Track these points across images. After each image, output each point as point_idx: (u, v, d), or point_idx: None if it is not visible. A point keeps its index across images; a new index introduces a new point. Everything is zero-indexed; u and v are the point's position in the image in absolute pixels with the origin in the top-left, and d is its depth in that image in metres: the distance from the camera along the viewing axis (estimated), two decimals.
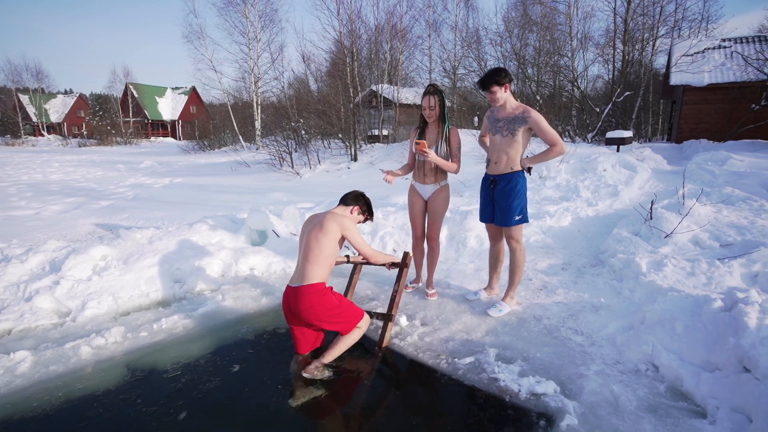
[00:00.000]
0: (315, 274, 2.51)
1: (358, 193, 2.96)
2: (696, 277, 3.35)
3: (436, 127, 3.28)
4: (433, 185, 3.37)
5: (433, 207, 3.42)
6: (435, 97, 3.17)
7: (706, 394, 2.12)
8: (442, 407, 2.26)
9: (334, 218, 2.63)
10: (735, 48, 15.58)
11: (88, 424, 2.12)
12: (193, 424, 2.11)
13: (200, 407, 2.23)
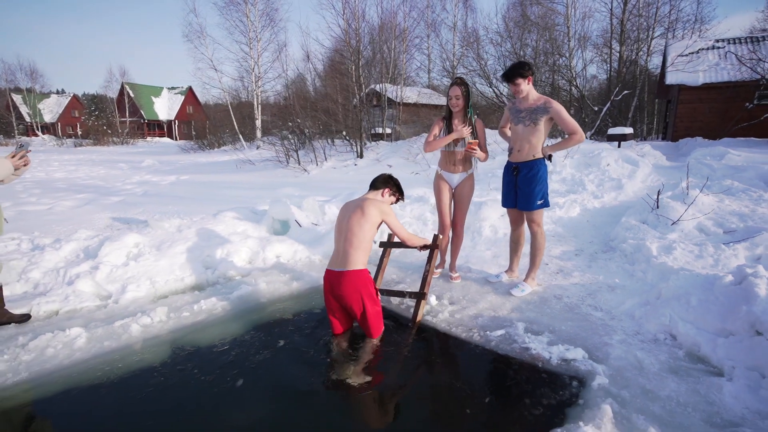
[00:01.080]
0: (358, 259, 2.65)
1: (387, 176, 3.10)
2: (704, 259, 3.56)
3: (462, 117, 3.45)
4: (462, 174, 3.55)
5: (461, 194, 3.60)
6: (461, 88, 3.35)
7: (723, 356, 2.31)
8: (480, 373, 2.44)
9: (373, 204, 2.78)
10: (729, 48, 15.95)
11: (154, 389, 2.27)
12: (250, 390, 2.27)
13: (254, 376, 2.38)
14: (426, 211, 5.44)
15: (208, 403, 2.15)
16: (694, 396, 2.06)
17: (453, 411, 2.09)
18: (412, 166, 9.95)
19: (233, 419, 2.04)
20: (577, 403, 2.06)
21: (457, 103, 3.36)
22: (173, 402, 2.18)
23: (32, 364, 2.46)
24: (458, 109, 3.40)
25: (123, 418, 2.06)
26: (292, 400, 2.19)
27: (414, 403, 2.21)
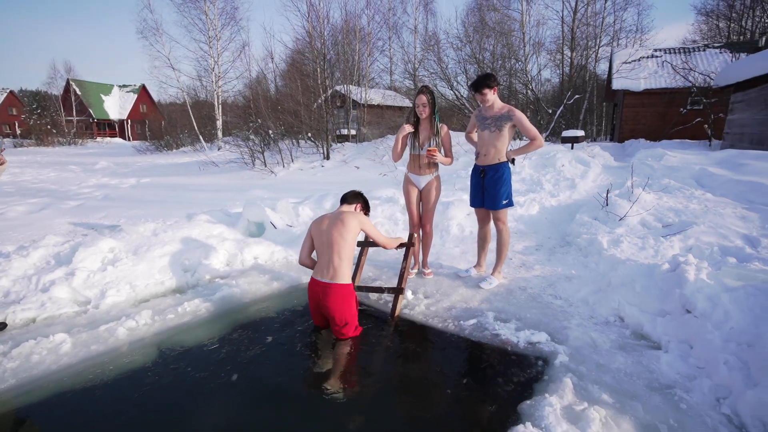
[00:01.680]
0: (345, 272, 2.81)
1: (357, 192, 3.31)
2: (646, 251, 4.02)
3: (428, 123, 3.67)
4: (428, 176, 3.79)
5: (427, 195, 3.83)
6: (428, 96, 3.55)
7: (661, 333, 2.69)
8: (456, 358, 2.69)
9: (352, 215, 2.96)
10: (665, 58, 17.35)
11: (150, 388, 2.35)
12: (247, 384, 2.40)
13: (248, 371, 2.51)
14: (396, 211, 5.68)
15: (205, 399, 2.27)
16: (637, 367, 2.41)
17: (434, 393, 2.32)
18: (378, 167, 10.18)
19: (231, 413, 2.17)
20: (543, 378, 2.35)
21: (424, 110, 3.56)
22: (171, 399, 2.28)
23: (18, 371, 2.46)
24: (425, 116, 3.60)
25: (122, 417, 2.13)
26: (284, 392, 2.34)
27: (397, 388, 2.42)
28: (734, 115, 12.36)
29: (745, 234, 4.33)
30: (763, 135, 10.46)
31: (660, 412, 2.03)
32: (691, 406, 2.07)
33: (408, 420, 2.15)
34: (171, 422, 2.10)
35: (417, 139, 3.67)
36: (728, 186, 6.29)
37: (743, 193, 5.98)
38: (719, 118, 13.79)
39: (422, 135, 3.67)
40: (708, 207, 5.18)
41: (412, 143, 3.71)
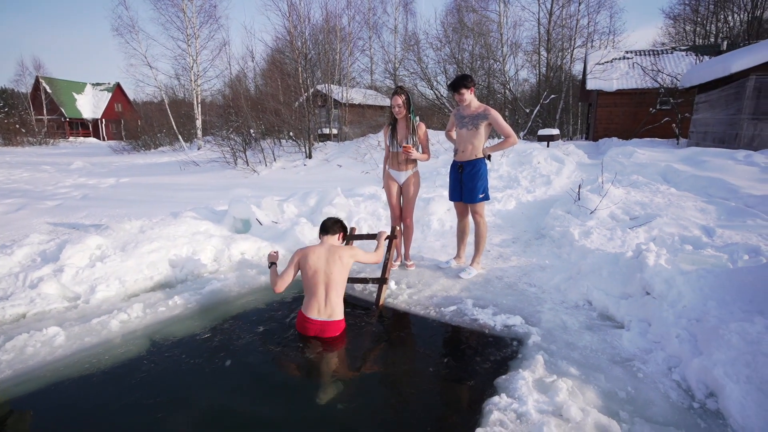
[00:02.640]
0: (340, 308, 2.85)
1: (335, 219, 3.25)
2: (614, 241, 4.29)
3: (405, 122, 3.83)
4: (407, 171, 3.96)
5: (407, 190, 4.00)
6: (402, 97, 3.72)
7: (624, 313, 2.94)
8: (438, 341, 2.87)
9: (345, 251, 2.98)
10: (636, 60, 18.04)
11: (147, 374, 2.45)
12: (241, 368, 2.52)
13: (242, 356, 2.64)
14: (379, 207, 5.85)
15: (202, 383, 2.39)
16: (602, 344, 2.64)
17: (418, 372, 2.50)
18: (360, 165, 10.33)
19: (226, 397, 2.30)
20: (517, 357, 2.56)
21: (400, 111, 3.74)
22: (169, 384, 2.39)
23: (14, 363, 2.52)
24: (401, 116, 3.78)
25: (122, 401, 2.23)
26: (276, 377, 2.48)
27: (383, 370, 2.59)
28: (698, 114, 12.99)
29: (703, 225, 4.67)
30: (725, 134, 11.06)
31: (619, 381, 2.26)
32: (647, 375, 2.31)
33: (394, 396, 2.32)
34: (169, 405, 2.21)
35: (395, 138, 3.85)
36: (690, 181, 6.70)
37: (703, 188, 6.39)
38: (686, 118, 14.46)
39: (400, 134, 3.85)
40: (671, 200, 5.53)
41: (391, 141, 3.89)
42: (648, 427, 1.92)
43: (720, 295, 2.75)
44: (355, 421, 2.10)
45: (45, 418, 2.15)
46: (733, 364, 2.14)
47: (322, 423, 2.07)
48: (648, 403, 2.10)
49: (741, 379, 2.08)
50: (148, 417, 2.11)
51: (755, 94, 10.02)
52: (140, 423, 2.07)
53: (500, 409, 2.02)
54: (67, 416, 2.15)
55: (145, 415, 2.12)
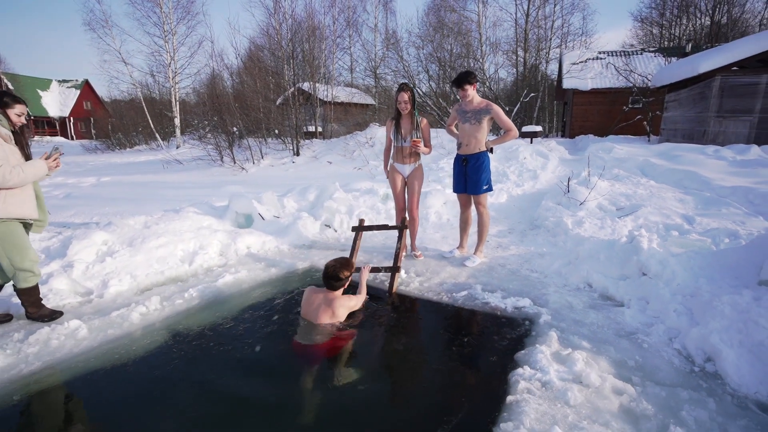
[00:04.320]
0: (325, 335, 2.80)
1: (338, 276, 2.98)
2: (605, 230, 4.57)
3: (410, 118, 3.98)
4: (412, 165, 4.11)
5: (412, 182, 4.15)
6: (408, 93, 3.85)
7: (623, 293, 3.17)
8: (455, 323, 3.03)
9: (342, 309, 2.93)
10: (609, 60, 18.76)
11: (180, 361, 2.51)
12: (270, 352, 2.61)
13: (269, 341, 2.72)
14: (377, 201, 5.97)
15: (234, 367, 2.46)
16: (607, 320, 2.86)
17: (441, 351, 2.65)
18: (350, 162, 10.41)
19: (259, 380, 2.39)
20: (531, 334, 2.74)
21: (406, 107, 3.87)
22: (202, 369, 2.45)
23: (41, 355, 2.53)
24: (406, 111, 3.91)
25: (158, 387, 2.29)
26: (301, 362, 2.58)
27: (409, 352, 2.72)
28: (669, 113, 13.67)
29: (683, 213, 5.01)
30: (693, 130, 11.70)
31: (627, 352, 2.47)
32: (651, 345, 2.53)
33: (423, 373, 2.45)
34: (203, 389, 2.28)
35: (400, 133, 3.98)
36: (667, 174, 7.12)
37: (679, 180, 6.80)
38: (656, 116, 15.17)
39: (404, 129, 3.98)
40: (652, 192, 5.88)
41: (396, 136, 4.01)
42: (658, 389, 2.13)
43: (709, 274, 3.02)
44: (387, 397, 2.24)
45: (83, 407, 2.19)
46: (727, 332, 2.38)
47: (351, 401, 2.19)
48: (655, 369, 2.32)
49: (735, 344, 2.32)
50: (182, 404, 2.17)
51: (720, 93, 10.66)
52: (174, 409, 2.13)
53: (526, 379, 2.19)
54: (104, 404, 2.19)
55: (179, 402, 2.19)
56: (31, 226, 2.98)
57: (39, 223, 3.03)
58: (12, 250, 2.79)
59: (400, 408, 2.17)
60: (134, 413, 2.10)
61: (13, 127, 2.82)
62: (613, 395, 2.08)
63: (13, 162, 2.69)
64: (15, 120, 2.81)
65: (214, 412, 2.08)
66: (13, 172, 2.65)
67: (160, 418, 2.05)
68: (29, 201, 2.86)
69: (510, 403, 2.02)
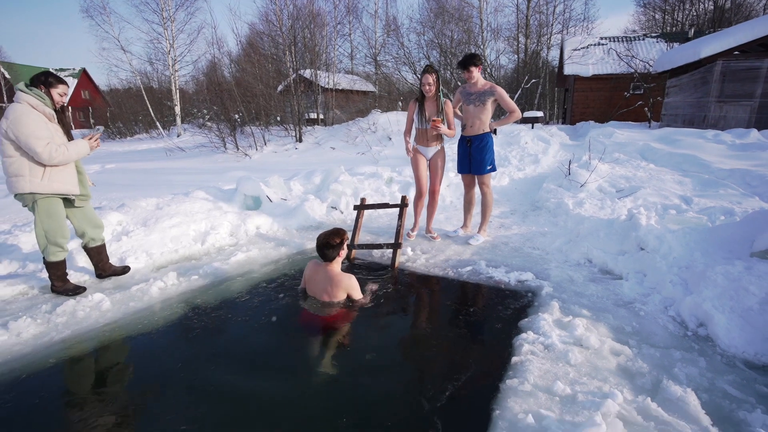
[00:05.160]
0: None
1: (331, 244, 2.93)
2: (605, 210, 4.68)
3: (434, 100, 3.94)
4: (435, 147, 4.09)
5: (435, 165, 4.13)
6: (433, 76, 3.83)
7: (621, 267, 3.31)
8: (461, 296, 3.16)
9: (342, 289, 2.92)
10: (610, 45, 18.68)
11: (202, 330, 2.65)
12: (285, 322, 2.75)
13: (284, 312, 2.86)
14: (381, 184, 6.07)
15: (253, 335, 2.60)
16: (606, 292, 3.00)
17: (449, 321, 2.79)
18: (353, 147, 10.49)
19: (277, 345, 2.53)
20: (534, 304, 2.88)
21: (430, 89, 3.84)
22: (223, 337, 2.59)
23: (69, 324, 2.67)
24: (431, 93, 3.88)
25: (183, 353, 2.43)
26: (316, 333, 2.72)
27: (418, 321, 2.87)
28: (670, 98, 13.70)
29: (681, 195, 5.13)
30: (693, 116, 11.75)
31: (625, 319, 2.61)
32: (648, 313, 2.67)
33: (432, 339, 2.59)
34: (226, 357, 2.42)
35: (423, 115, 3.95)
36: (667, 158, 7.21)
37: (678, 164, 6.90)
38: (657, 102, 15.18)
39: (428, 111, 3.93)
40: (652, 174, 5.99)
41: (419, 119, 3.98)
42: (653, 350, 2.27)
43: (704, 248, 3.15)
44: (399, 359, 2.38)
45: (114, 370, 2.33)
46: (720, 299, 2.52)
47: (365, 362, 2.33)
48: (651, 333, 2.46)
49: (726, 310, 2.46)
50: (206, 368, 2.31)
51: (721, 78, 10.69)
52: (198, 374, 2.27)
53: (529, 343, 2.33)
54: (134, 369, 2.34)
55: (203, 367, 2.33)
56: (74, 201, 3.11)
57: (82, 198, 3.17)
58: (50, 225, 2.95)
59: (412, 369, 2.31)
60: (161, 378, 2.23)
61: (55, 106, 2.93)
62: (611, 356, 2.22)
63: (57, 141, 2.84)
64: (57, 99, 2.93)
65: (237, 377, 2.22)
66: (58, 150, 2.80)
67: (185, 381, 2.18)
68: (71, 178, 3.01)
69: (515, 363, 2.17)
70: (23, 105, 2.77)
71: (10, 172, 2.81)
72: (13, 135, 2.72)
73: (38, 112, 2.80)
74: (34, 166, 2.81)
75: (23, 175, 2.80)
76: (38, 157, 2.76)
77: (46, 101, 2.84)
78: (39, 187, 2.84)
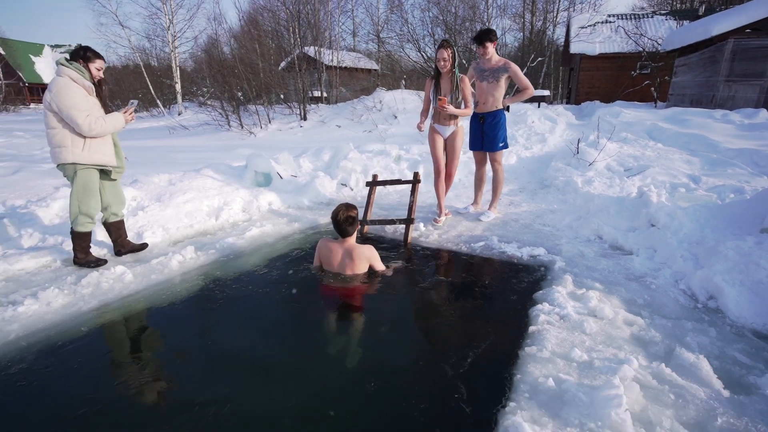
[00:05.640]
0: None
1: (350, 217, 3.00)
2: (613, 188, 4.72)
3: (449, 77, 3.80)
4: (452, 126, 3.96)
5: (452, 144, 4.01)
6: (448, 51, 3.69)
7: (632, 243, 3.36)
8: (475, 270, 3.23)
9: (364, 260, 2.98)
10: (618, 23, 18.32)
11: (225, 300, 2.72)
12: (307, 294, 2.83)
13: (305, 284, 2.93)
14: (390, 162, 6.09)
15: (273, 306, 2.68)
16: (617, 266, 3.06)
17: (465, 293, 2.86)
18: (358, 126, 10.43)
19: (298, 314, 2.61)
20: (547, 278, 2.94)
21: (445, 64, 3.71)
22: (245, 307, 2.67)
23: (95, 295, 2.74)
24: (446, 69, 3.75)
25: (208, 321, 2.51)
26: (334, 304, 2.80)
27: (435, 294, 2.93)
28: (677, 77, 13.53)
29: (689, 174, 5.15)
30: (701, 95, 11.64)
31: (637, 292, 2.68)
32: (658, 287, 2.74)
33: (449, 310, 2.66)
34: (251, 325, 2.50)
35: (439, 93, 3.82)
36: (674, 137, 7.20)
37: (686, 143, 6.89)
38: (665, 81, 14.99)
39: (444, 88, 3.82)
40: (660, 154, 6.00)
41: (434, 97, 3.85)
42: (665, 321, 2.34)
43: (714, 224, 3.20)
44: (419, 329, 2.46)
45: (144, 337, 2.41)
46: (730, 272, 2.58)
47: (385, 332, 2.41)
48: (662, 305, 2.53)
49: (736, 283, 2.52)
50: (231, 336, 2.40)
51: (732, 56, 10.54)
52: (224, 343, 2.35)
53: (545, 313, 2.40)
54: (162, 335, 2.42)
55: (230, 336, 2.41)
56: (110, 173, 3.20)
57: (118, 170, 3.26)
58: (84, 195, 3.05)
59: (433, 338, 2.39)
60: (187, 345, 2.32)
61: (93, 80, 3.01)
62: (624, 326, 2.30)
63: (95, 113, 2.93)
64: (95, 74, 3.02)
65: (260, 346, 2.30)
66: (97, 122, 2.91)
67: (211, 349, 2.26)
68: (109, 150, 3.12)
69: (532, 332, 2.24)
70: (64, 78, 2.87)
71: (53, 143, 2.94)
72: (56, 107, 2.83)
73: (78, 85, 2.90)
74: (76, 138, 2.93)
75: (66, 146, 2.92)
76: (78, 128, 2.87)
77: (85, 75, 2.94)
78: (80, 158, 2.96)
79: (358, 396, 1.85)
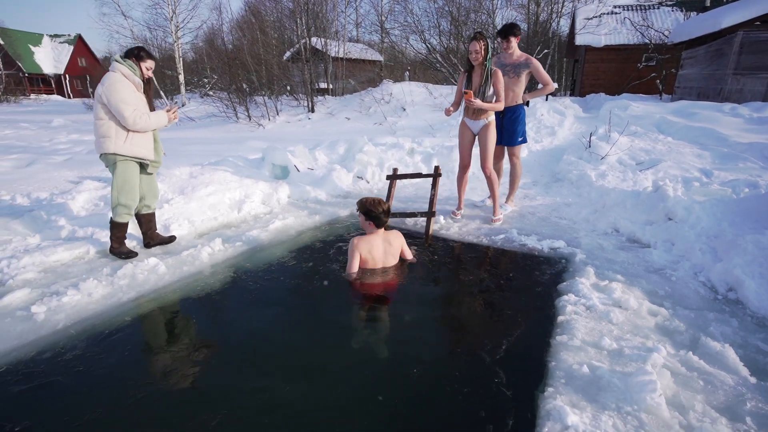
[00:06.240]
0: None
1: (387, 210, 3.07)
2: (627, 182, 4.79)
3: (481, 70, 3.68)
4: (482, 121, 3.84)
5: (483, 139, 3.89)
6: (481, 43, 3.56)
7: (649, 236, 3.45)
8: (498, 262, 3.32)
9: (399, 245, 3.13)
10: (624, 14, 18.21)
11: (258, 292, 2.81)
12: (337, 286, 2.91)
13: (334, 276, 3.01)
14: (404, 155, 6.14)
15: (306, 298, 2.78)
16: (636, 259, 3.15)
17: (490, 284, 2.95)
18: (367, 118, 10.46)
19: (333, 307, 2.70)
20: (569, 270, 3.03)
21: (477, 57, 3.60)
22: (279, 295, 2.76)
23: (133, 286, 2.82)
24: (478, 62, 3.64)
25: (245, 311, 2.60)
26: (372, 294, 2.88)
27: (460, 284, 3.02)
28: (684, 70, 13.51)
29: (701, 168, 5.21)
30: (708, 88, 11.65)
31: (658, 283, 2.77)
32: (679, 278, 2.83)
33: (477, 301, 2.76)
34: (285, 315, 2.60)
35: (470, 86, 3.76)
36: (684, 131, 7.24)
37: (696, 137, 6.94)
38: (671, 74, 14.96)
39: (475, 81, 3.72)
40: (671, 148, 6.06)
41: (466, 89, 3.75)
42: (687, 311, 2.43)
43: (731, 218, 3.28)
44: (452, 319, 2.55)
45: (186, 326, 2.50)
46: (750, 265, 2.67)
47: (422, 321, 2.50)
48: (683, 297, 2.62)
49: (756, 276, 2.61)
50: (270, 323, 2.49)
51: (740, 49, 10.53)
52: (264, 330, 2.44)
53: (572, 304, 2.49)
54: (203, 323, 2.52)
55: (267, 322, 2.50)
56: (147, 166, 3.31)
57: (155, 164, 3.37)
58: (123, 186, 3.15)
59: (466, 327, 2.48)
60: (226, 335, 2.40)
61: (143, 78, 3.14)
62: (649, 316, 2.39)
63: (141, 109, 3.06)
64: (144, 72, 3.16)
65: (296, 335, 2.39)
66: (142, 117, 3.04)
67: (251, 332, 2.36)
68: (149, 144, 3.24)
69: (561, 322, 2.33)
70: (117, 74, 3.01)
71: (99, 133, 3.06)
72: (106, 99, 2.96)
73: (129, 81, 3.04)
74: (120, 130, 3.05)
75: (110, 136, 3.04)
76: (124, 120, 2.99)
77: (136, 72, 3.08)
78: (122, 149, 3.08)
79: (404, 381, 1.94)
